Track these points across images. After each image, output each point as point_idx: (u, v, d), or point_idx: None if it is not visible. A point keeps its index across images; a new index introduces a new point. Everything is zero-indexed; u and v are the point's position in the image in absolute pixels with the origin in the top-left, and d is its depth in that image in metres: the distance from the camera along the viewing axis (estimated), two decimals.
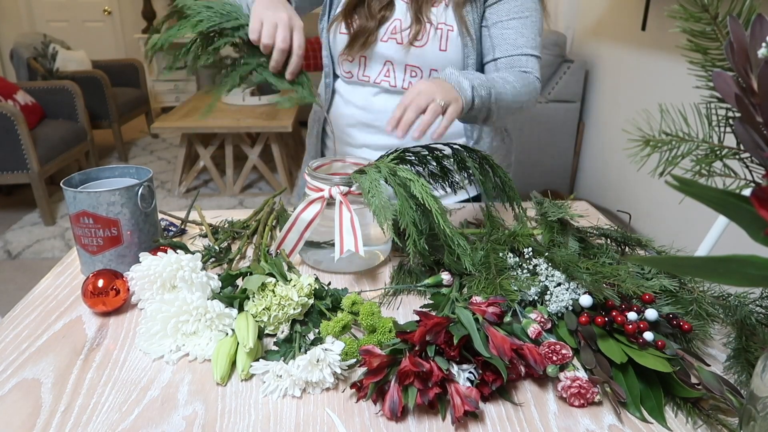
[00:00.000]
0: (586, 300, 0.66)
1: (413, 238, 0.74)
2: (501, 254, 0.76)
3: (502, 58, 1.03)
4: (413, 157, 0.85)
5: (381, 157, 0.83)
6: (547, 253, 0.74)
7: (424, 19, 1.01)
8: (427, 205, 0.73)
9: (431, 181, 0.88)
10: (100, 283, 0.71)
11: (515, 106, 0.96)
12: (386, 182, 0.78)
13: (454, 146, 0.85)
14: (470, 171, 0.86)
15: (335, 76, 1.16)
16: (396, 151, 0.84)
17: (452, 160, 0.86)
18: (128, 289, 0.74)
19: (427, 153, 0.85)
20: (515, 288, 0.69)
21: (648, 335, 0.60)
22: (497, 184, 0.88)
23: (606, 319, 0.63)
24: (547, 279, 0.71)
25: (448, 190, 0.94)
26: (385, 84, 1.08)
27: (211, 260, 0.85)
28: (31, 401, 0.58)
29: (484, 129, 1.14)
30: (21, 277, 2.62)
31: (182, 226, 0.98)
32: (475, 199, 1.15)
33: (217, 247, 0.86)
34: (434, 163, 0.87)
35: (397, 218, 0.75)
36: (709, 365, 0.62)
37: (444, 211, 0.74)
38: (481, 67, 1.07)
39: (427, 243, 0.76)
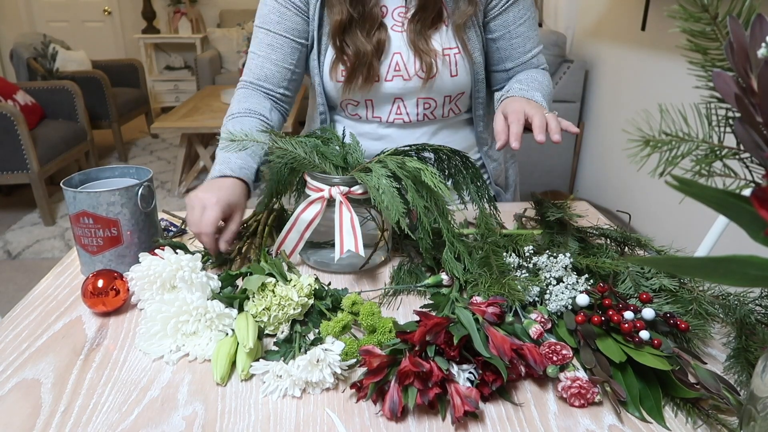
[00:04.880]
0: (582, 299, 0.66)
1: (425, 224, 0.75)
2: (501, 255, 0.76)
3: (514, 68, 1.04)
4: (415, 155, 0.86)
5: (377, 155, 0.83)
6: (547, 251, 0.75)
7: (425, 50, 0.95)
8: (439, 191, 0.74)
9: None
10: (100, 283, 0.71)
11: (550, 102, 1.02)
12: (392, 177, 0.76)
13: (443, 150, 0.85)
14: (452, 172, 0.87)
15: (331, 115, 1.08)
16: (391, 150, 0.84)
17: (441, 161, 0.87)
18: (128, 290, 0.74)
19: (421, 153, 0.86)
20: (519, 288, 0.69)
21: (644, 334, 0.60)
22: (475, 187, 0.88)
23: (603, 318, 0.63)
24: (548, 272, 0.71)
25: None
26: (399, 121, 1.03)
27: (210, 260, 0.85)
28: (31, 401, 0.58)
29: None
30: (21, 277, 2.62)
31: (182, 226, 0.98)
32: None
33: None
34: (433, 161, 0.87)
35: (404, 214, 0.74)
36: (705, 363, 0.62)
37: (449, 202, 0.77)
38: (488, 76, 1.06)
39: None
